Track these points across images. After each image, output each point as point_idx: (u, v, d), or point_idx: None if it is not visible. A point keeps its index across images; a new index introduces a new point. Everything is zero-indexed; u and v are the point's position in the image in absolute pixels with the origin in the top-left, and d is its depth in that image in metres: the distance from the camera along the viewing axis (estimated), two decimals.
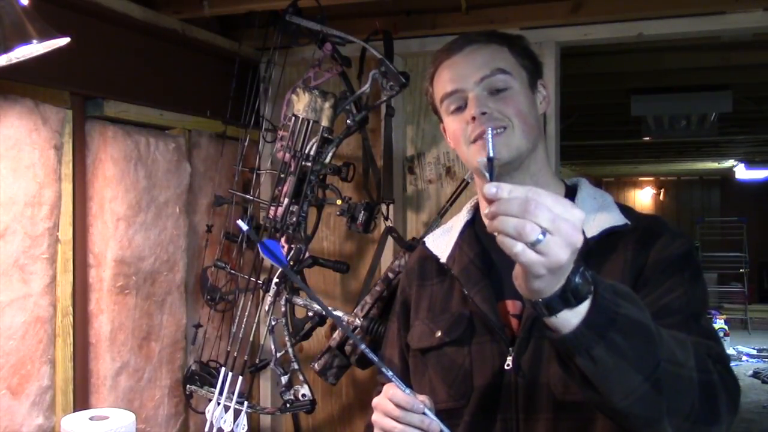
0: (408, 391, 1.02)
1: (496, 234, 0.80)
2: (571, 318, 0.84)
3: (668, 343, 0.90)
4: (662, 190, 11.66)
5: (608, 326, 0.84)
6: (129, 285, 1.87)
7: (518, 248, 0.78)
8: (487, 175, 0.87)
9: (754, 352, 7.54)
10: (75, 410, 1.73)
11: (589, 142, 6.11)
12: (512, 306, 1.16)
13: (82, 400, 1.77)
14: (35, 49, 1.23)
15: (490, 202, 0.81)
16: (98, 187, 1.81)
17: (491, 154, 0.87)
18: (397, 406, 1.02)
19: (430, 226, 2.08)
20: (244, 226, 0.96)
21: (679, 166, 9.58)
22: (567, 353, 0.87)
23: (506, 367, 1.12)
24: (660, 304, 1.05)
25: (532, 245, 0.77)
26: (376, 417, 1.06)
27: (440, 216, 2.06)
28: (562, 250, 0.78)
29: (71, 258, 1.73)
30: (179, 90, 2.05)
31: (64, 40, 1.26)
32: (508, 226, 0.78)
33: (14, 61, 1.25)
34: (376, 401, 1.07)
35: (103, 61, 1.77)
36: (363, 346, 0.98)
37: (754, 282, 9.80)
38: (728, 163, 8.78)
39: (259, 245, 0.92)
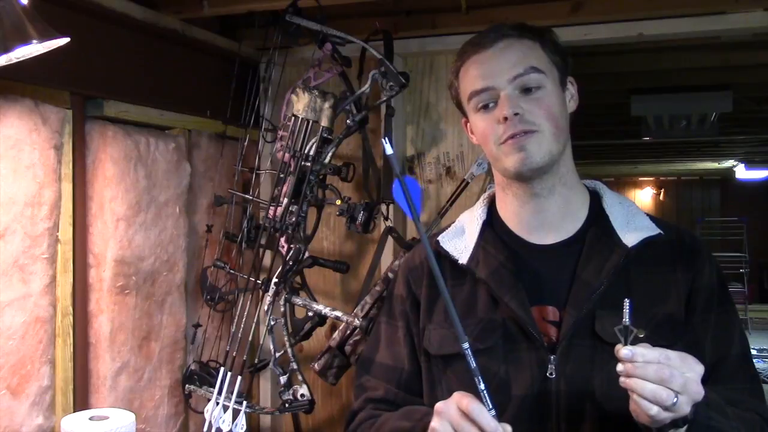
0: (494, 413, 0.94)
1: (630, 392, 0.92)
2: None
3: None
4: (662, 190, 11.65)
5: None
6: (129, 285, 1.87)
7: (654, 411, 0.91)
8: (622, 339, 0.95)
9: (755, 352, 7.54)
10: (75, 410, 1.73)
11: (589, 142, 6.11)
12: (550, 312, 1.12)
13: (82, 400, 1.77)
14: (35, 49, 1.23)
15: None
16: (98, 187, 1.81)
17: (627, 322, 0.95)
18: (474, 423, 0.93)
19: (430, 227, 2.08)
20: (389, 149, 0.93)
21: (679, 166, 9.58)
22: None
23: (549, 376, 1.08)
24: (720, 354, 1.12)
25: (666, 408, 0.90)
26: (440, 426, 0.97)
27: (440, 216, 2.06)
28: (688, 406, 0.92)
29: (71, 258, 1.73)
30: (179, 90, 2.05)
31: (64, 40, 1.26)
32: (646, 390, 0.90)
33: (14, 61, 1.25)
34: (443, 407, 0.97)
35: (103, 61, 1.77)
36: (466, 347, 0.98)
37: (754, 282, 9.79)
38: (728, 163, 8.78)
39: (395, 181, 0.91)
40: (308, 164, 1.87)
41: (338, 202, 1.90)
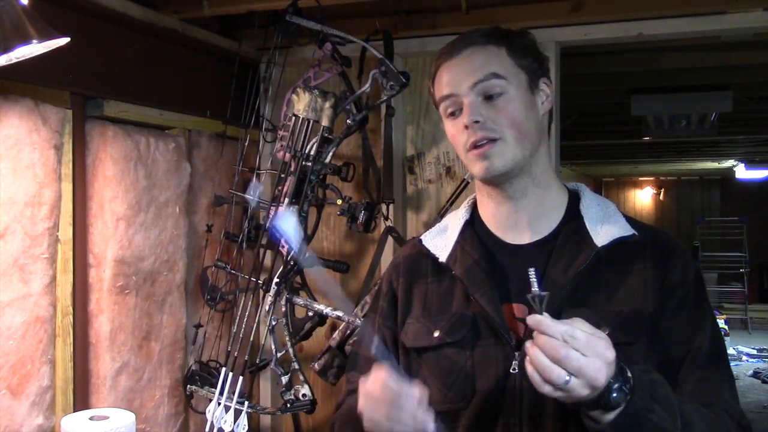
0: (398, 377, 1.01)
1: (526, 363, 0.90)
2: (602, 414, 0.92)
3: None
4: (662, 190, 11.65)
5: (634, 429, 0.92)
6: (129, 285, 1.87)
7: (546, 389, 0.89)
8: (535, 308, 0.93)
9: (754, 352, 7.53)
10: (75, 410, 1.73)
11: (589, 142, 6.11)
12: (518, 310, 1.14)
13: (82, 400, 1.77)
14: (35, 49, 1.23)
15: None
16: (98, 187, 1.81)
17: (536, 290, 0.94)
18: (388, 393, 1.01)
19: (430, 226, 2.08)
20: (254, 199, 0.94)
21: (679, 166, 9.58)
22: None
23: (512, 371, 1.10)
24: (694, 348, 1.10)
25: (557, 387, 0.88)
26: (366, 405, 1.05)
27: (440, 216, 2.06)
28: (583, 389, 0.88)
29: (71, 258, 1.73)
30: (179, 90, 2.05)
31: (64, 40, 1.26)
32: (538, 365, 0.89)
33: (14, 61, 1.25)
34: (366, 389, 1.05)
35: (103, 61, 1.77)
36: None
37: (754, 282, 9.79)
38: (728, 163, 8.78)
39: (271, 229, 0.91)
40: (309, 164, 1.87)
41: (339, 201, 1.90)
